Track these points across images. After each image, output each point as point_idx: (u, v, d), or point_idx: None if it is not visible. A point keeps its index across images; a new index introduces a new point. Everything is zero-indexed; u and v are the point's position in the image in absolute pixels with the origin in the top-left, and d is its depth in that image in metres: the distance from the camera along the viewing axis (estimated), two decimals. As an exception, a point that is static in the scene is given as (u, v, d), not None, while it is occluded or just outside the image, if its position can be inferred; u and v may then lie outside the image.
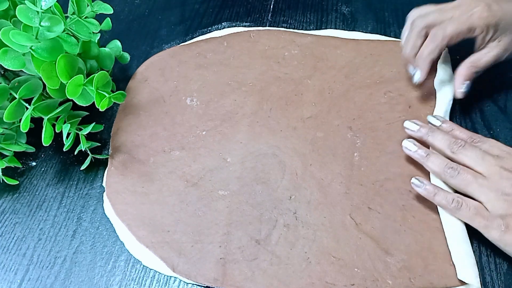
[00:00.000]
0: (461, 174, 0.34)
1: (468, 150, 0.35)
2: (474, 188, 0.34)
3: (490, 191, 0.33)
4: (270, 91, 0.47)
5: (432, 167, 0.36)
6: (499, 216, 0.32)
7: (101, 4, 0.42)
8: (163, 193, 0.40)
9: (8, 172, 0.43)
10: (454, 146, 0.36)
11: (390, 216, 0.37)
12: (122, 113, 0.47)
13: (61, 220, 0.40)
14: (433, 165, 0.36)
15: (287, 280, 0.34)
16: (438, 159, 0.36)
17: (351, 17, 0.54)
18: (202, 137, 0.44)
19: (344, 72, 0.47)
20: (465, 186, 0.34)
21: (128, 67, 0.52)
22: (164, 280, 0.36)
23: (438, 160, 0.36)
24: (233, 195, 0.39)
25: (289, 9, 0.56)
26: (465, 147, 0.36)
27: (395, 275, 0.34)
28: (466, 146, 0.36)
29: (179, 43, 0.53)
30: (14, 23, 0.38)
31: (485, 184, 0.33)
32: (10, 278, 0.37)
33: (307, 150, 0.42)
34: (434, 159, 0.36)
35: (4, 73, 0.41)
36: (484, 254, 0.35)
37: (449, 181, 0.35)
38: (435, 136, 0.38)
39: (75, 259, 0.38)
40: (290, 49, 0.50)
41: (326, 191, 0.39)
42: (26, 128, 0.37)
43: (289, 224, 0.37)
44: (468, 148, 0.35)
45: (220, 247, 0.36)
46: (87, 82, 0.38)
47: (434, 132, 0.38)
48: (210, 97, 0.47)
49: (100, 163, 0.43)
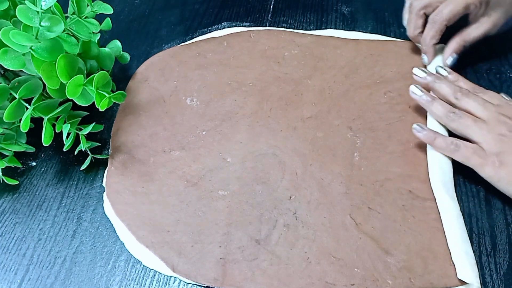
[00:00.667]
0: (462, 118, 0.37)
1: (470, 97, 0.38)
2: (473, 130, 0.36)
3: (488, 132, 0.36)
4: (270, 91, 0.47)
5: (436, 111, 0.39)
6: (494, 154, 0.35)
7: (101, 4, 0.42)
8: (163, 193, 0.40)
9: (8, 172, 0.43)
10: (458, 93, 0.39)
11: (390, 216, 0.37)
12: (122, 113, 0.47)
13: (61, 220, 0.40)
14: (437, 109, 0.39)
15: (287, 280, 0.34)
16: (441, 104, 0.39)
17: (351, 17, 0.54)
18: (202, 137, 0.44)
19: (344, 72, 0.47)
20: (465, 128, 0.37)
21: (128, 67, 0.52)
22: (164, 280, 0.36)
23: (441, 105, 0.39)
24: (233, 195, 0.39)
25: (289, 9, 0.56)
26: (468, 95, 0.38)
27: (395, 275, 0.34)
28: (469, 94, 0.39)
29: (179, 43, 0.53)
30: (14, 23, 0.38)
31: (484, 127, 0.36)
32: (10, 278, 0.37)
33: (307, 150, 0.42)
34: (438, 104, 0.39)
35: (4, 73, 0.41)
36: (484, 254, 0.35)
37: (450, 124, 0.38)
38: (441, 84, 0.40)
39: (75, 259, 0.38)
40: (290, 49, 0.50)
41: (326, 191, 0.39)
42: (26, 128, 0.37)
43: (289, 224, 0.37)
44: (471, 96, 0.38)
45: (220, 247, 0.36)
46: (87, 82, 0.38)
47: (440, 80, 0.41)
48: (210, 97, 0.47)
49: (100, 163, 0.43)
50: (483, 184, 0.37)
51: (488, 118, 0.36)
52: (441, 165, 0.38)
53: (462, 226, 0.35)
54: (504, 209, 0.37)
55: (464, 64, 0.47)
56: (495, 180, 0.35)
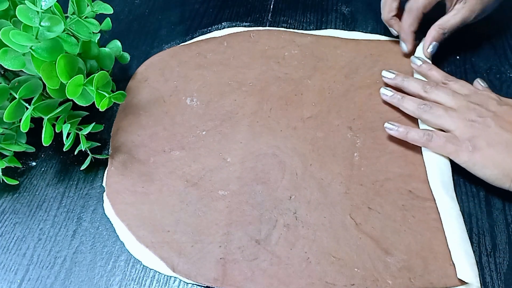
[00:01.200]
0: (433, 108, 0.38)
1: (440, 89, 0.40)
2: (445, 119, 0.37)
3: (459, 119, 0.37)
4: (270, 91, 0.47)
5: (407, 107, 0.40)
6: (466, 139, 0.36)
7: (101, 4, 0.42)
8: (163, 193, 0.40)
9: (8, 172, 0.43)
10: (427, 87, 0.40)
11: (390, 216, 0.37)
12: (122, 113, 0.47)
13: (61, 220, 0.40)
14: (408, 105, 0.40)
15: (287, 280, 0.34)
16: (412, 100, 0.40)
17: (351, 17, 0.54)
18: (202, 137, 0.44)
19: (344, 72, 0.47)
20: (437, 118, 0.38)
21: (128, 67, 0.52)
22: (164, 280, 0.36)
23: (412, 100, 0.40)
24: (233, 195, 0.39)
25: (289, 9, 0.56)
26: (437, 87, 0.40)
27: (395, 275, 0.34)
28: (438, 86, 0.40)
29: (179, 43, 0.53)
30: (14, 23, 0.38)
31: (454, 115, 0.37)
32: (10, 278, 0.37)
33: (307, 150, 0.42)
34: (408, 100, 0.41)
35: (4, 73, 0.41)
36: (484, 254, 0.35)
37: (422, 116, 0.39)
38: (409, 81, 0.42)
39: (75, 259, 0.38)
40: (290, 49, 0.50)
41: (326, 191, 0.39)
42: (26, 128, 0.37)
43: (289, 224, 0.37)
44: (440, 88, 0.40)
45: (220, 247, 0.36)
46: (87, 82, 0.38)
47: (408, 78, 0.42)
48: (210, 97, 0.47)
49: (100, 163, 0.43)
50: (483, 184, 0.37)
51: (458, 106, 0.38)
52: (440, 165, 0.38)
53: (462, 226, 0.35)
54: (504, 209, 0.37)
55: (464, 64, 0.47)
56: (471, 164, 0.36)
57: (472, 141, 0.36)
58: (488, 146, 0.35)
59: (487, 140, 0.35)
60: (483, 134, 0.35)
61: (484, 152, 0.35)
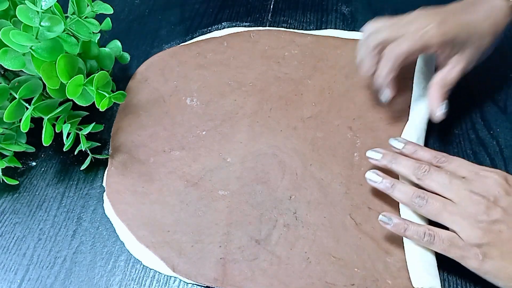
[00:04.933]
0: (429, 202, 0.33)
1: (433, 174, 0.33)
2: (445, 217, 0.32)
3: (462, 219, 0.31)
4: (270, 91, 0.47)
5: (399, 197, 0.35)
6: (475, 245, 0.30)
7: (101, 4, 0.42)
8: (163, 193, 0.40)
9: (8, 172, 0.43)
10: (419, 172, 0.34)
11: (390, 216, 0.37)
12: (122, 113, 0.47)
13: (61, 220, 0.40)
14: (400, 194, 0.34)
15: (287, 280, 0.34)
16: (404, 188, 0.34)
17: (351, 17, 0.54)
18: (202, 137, 0.44)
19: (344, 72, 0.47)
20: (435, 215, 0.32)
21: (128, 67, 0.52)
22: (164, 280, 0.36)
23: (404, 189, 0.34)
24: (233, 195, 0.39)
25: (289, 9, 0.56)
26: (431, 171, 0.34)
27: (395, 275, 0.34)
28: (431, 170, 0.34)
29: (179, 43, 0.53)
30: (14, 23, 0.38)
31: (455, 211, 0.31)
32: (10, 278, 0.37)
33: (307, 150, 0.42)
34: (400, 188, 0.35)
35: (4, 73, 0.41)
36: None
37: (418, 210, 0.34)
38: (399, 162, 0.36)
39: (75, 259, 0.38)
40: (290, 49, 0.50)
41: (326, 191, 0.39)
42: (26, 128, 0.37)
43: (289, 224, 0.37)
44: (434, 173, 0.34)
45: (220, 247, 0.36)
46: (87, 82, 0.38)
47: (397, 159, 0.36)
48: (210, 97, 0.47)
49: (100, 163, 0.43)
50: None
51: (458, 199, 0.32)
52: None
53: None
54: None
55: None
56: (481, 273, 0.31)
57: (482, 248, 0.30)
58: (502, 257, 0.30)
59: (500, 249, 0.30)
60: (494, 241, 0.30)
61: (497, 264, 0.30)
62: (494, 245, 0.30)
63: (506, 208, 0.31)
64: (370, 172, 0.37)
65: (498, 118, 0.43)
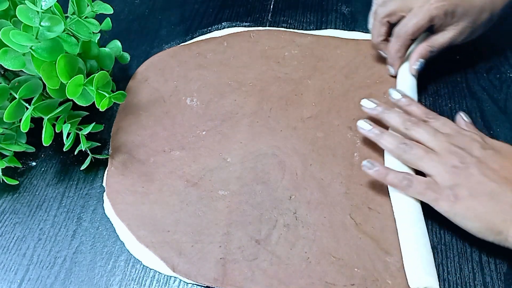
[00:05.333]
0: (413, 149, 0.36)
1: (420, 127, 0.37)
2: (425, 162, 0.35)
3: (440, 164, 0.34)
4: (270, 91, 0.47)
5: (386, 144, 0.37)
6: (448, 187, 0.33)
7: (101, 4, 0.42)
8: (163, 193, 0.40)
9: (8, 172, 0.43)
10: (408, 123, 0.37)
11: (390, 216, 0.37)
12: (122, 113, 0.47)
13: (61, 220, 0.40)
14: (387, 142, 0.37)
15: (287, 280, 0.34)
16: (391, 137, 0.38)
17: (351, 17, 0.54)
18: (202, 137, 0.44)
19: (344, 72, 0.47)
20: (417, 160, 0.35)
21: (128, 67, 0.52)
22: (164, 280, 0.36)
23: (391, 137, 0.37)
24: (233, 195, 0.39)
25: (289, 9, 0.56)
26: (418, 124, 0.37)
27: (395, 275, 0.34)
28: (419, 123, 0.37)
29: (179, 43, 0.53)
30: (14, 23, 0.38)
31: (435, 158, 0.35)
32: (10, 278, 0.37)
33: (307, 150, 0.42)
34: (388, 137, 0.38)
35: (4, 73, 0.41)
36: (484, 254, 0.35)
37: (402, 156, 0.36)
38: (390, 114, 0.39)
39: (75, 259, 0.38)
40: (290, 49, 0.50)
41: (326, 191, 0.39)
42: (26, 128, 0.37)
43: (289, 224, 0.37)
44: (421, 125, 0.37)
45: (220, 247, 0.36)
46: (87, 82, 0.38)
47: (389, 110, 0.39)
48: (210, 97, 0.47)
49: (100, 163, 0.43)
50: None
51: (440, 149, 0.35)
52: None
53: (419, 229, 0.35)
54: (504, 209, 0.37)
55: (464, 64, 0.47)
56: (451, 215, 0.33)
57: (453, 189, 0.33)
58: (470, 196, 0.32)
59: (469, 190, 0.32)
60: (465, 182, 0.33)
61: (466, 203, 0.32)
62: (465, 186, 0.33)
63: (479, 158, 0.34)
64: (361, 120, 0.40)
65: (498, 118, 0.43)
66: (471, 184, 0.33)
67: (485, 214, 0.32)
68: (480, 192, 0.32)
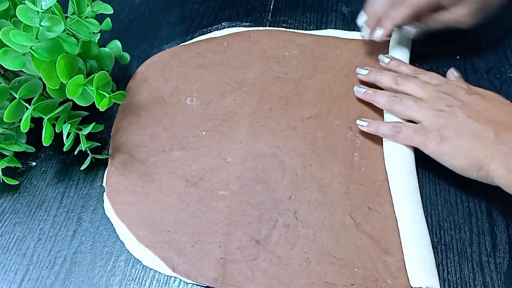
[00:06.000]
0: (403, 99, 0.39)
1: (410, 80, 0.40)
2: (414, 109, 0.37)
3: (427, 109, 0.37)
4: (270, 91, 0.47)
5: (379, 100, 0.41)
6: (435, 130, 0.36)
7: (101, 4, 0.42)
8: (163, 193, 0.40)
9: (8, 172, 0.43)
10: (398, 79, 0.41)
11: (390, 216, 0.37)
12: (122, 113, 0.47)
13: (61, 220, 0.40)
14: (379, 98, 0.41)
15: (287, 280, 0.34)
16: (383, 93, 0.41)
17: (351, 17, 0.54)
18: (202, 137, 0.44)
19: (344, 72, 0.47)
20: (407, 109, 0.38)
21: (128, 67, 0.52)
22: (164, 280, 0.36)
23: (383, 93, 0.41)
24: (233, 195, 0.39)
25: (289, 9, 0.56)
26: (408, 78, 0.40)
27: (395, 275, 0.34)
28: (409, 77, 0.40)
29: (179, 43, 0.53)
30: (14, 23, 0.38)
31: (423, 105, 0.37)
32: (10, 278, 0.37)
33: (307, 150, 0.42)
34: (380, 94, 0.41)
35: (4, 73, 0.41)
36: (484, 254, 0.35)
37: (393, 108, 0.39)
38: (382, 75, 0.42)
39: (75, 259, 0.38)
40: (290, 49, 0.50)
41: (326, 191, 0.39)
42: (26, 128, 0.37)
43: (289, 224, 0.37)
44: (410, 79, 0.40)
45: (220, 247, 0.36)
46: (87, 82, 0.38)
47: (381, 73, 0.43)
48: (210, 97, 0.47)
49: (100, 163, 0.43)
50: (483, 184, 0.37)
51: (427, 96, 0.38)
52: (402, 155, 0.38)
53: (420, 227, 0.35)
54: (504, 210, 0.37)
55: (464, 64, 0.47)
56: (439, 155, 0.35)
57: (440, 131, 0.35)
58: (456, 136, 0.34)
59: (454, 130, 0.35)
60: (451, 124, 0.35)
61: (452, 142, 0.35)
62: (450, 127, 0.35)
63: (464, 101, 0.36)
64: (356, 86, 0.44)
65: (498, 118, 0.43)
66: (456, 124, 0.35)
67: (469, 151, 0.34)
68: (465, 132, 0.34)
